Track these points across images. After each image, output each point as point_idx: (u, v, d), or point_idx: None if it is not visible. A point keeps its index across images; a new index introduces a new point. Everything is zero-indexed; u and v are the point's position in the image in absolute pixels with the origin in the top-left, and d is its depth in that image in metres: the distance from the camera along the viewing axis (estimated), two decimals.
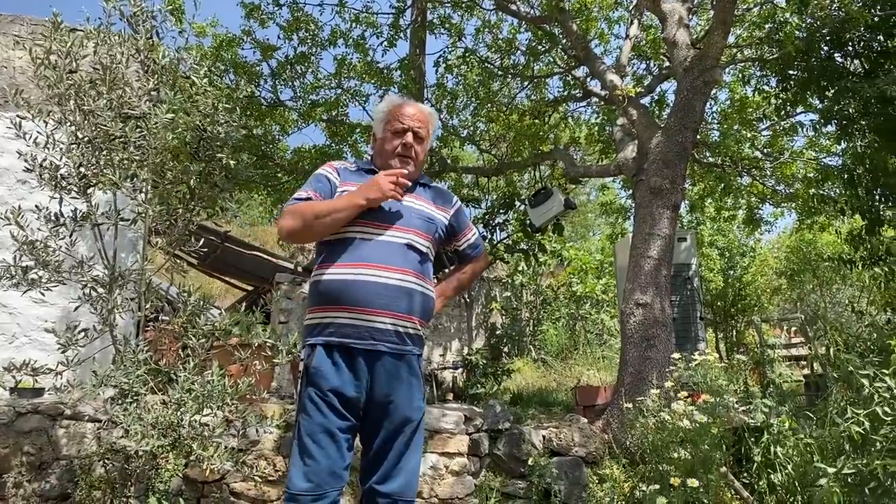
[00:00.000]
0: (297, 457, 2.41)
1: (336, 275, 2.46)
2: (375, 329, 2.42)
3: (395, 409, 2.47)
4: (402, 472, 2.49)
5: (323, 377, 2.42)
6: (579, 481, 5.11)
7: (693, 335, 8.22)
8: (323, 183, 2.63)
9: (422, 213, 2.65)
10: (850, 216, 7.30)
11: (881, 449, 3.83)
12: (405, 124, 2.68)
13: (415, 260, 2.55)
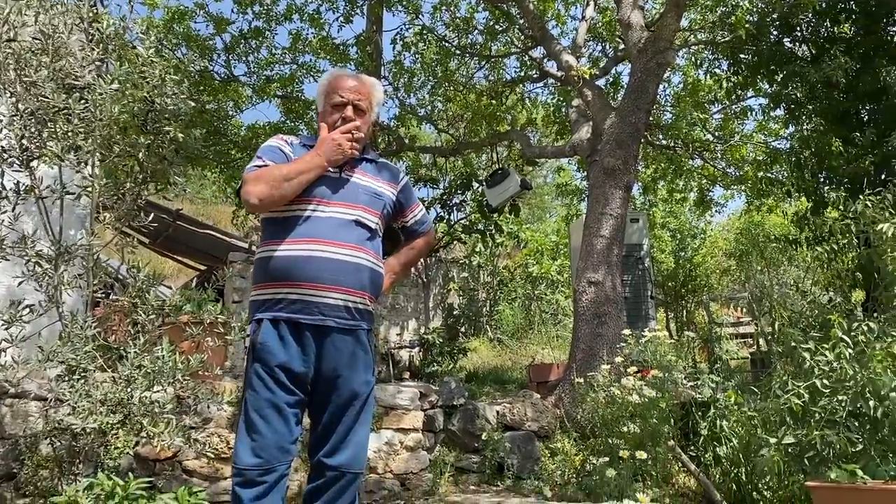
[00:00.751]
0: (243, 432, 2.39)
1: (284, 251, 2.43)
2: (325, 304, 2.41)
3: (343, 383, 2.47)
4: (351, 444, 2.49)
5: (269, 352, 2.40)
6: (532, 455, 5.21)
7: (644, 314, 8.39)
8: (277, 153, 2.58)
9: (368, 189, 2.61)
10: (797, 198, 7.51)
11: (820, 420, 3.97)
12: (344, 97, 2.62)
13: (363, 236, 2.53)
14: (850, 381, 3.88)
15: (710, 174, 10.18)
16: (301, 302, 2.40)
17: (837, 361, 4.01)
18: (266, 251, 2.48)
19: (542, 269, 14.09)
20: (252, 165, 2.54)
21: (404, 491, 4.86)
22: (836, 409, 3.93)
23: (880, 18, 6.51)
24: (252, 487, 2.33)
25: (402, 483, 4.90)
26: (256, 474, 2.33)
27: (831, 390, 3.97)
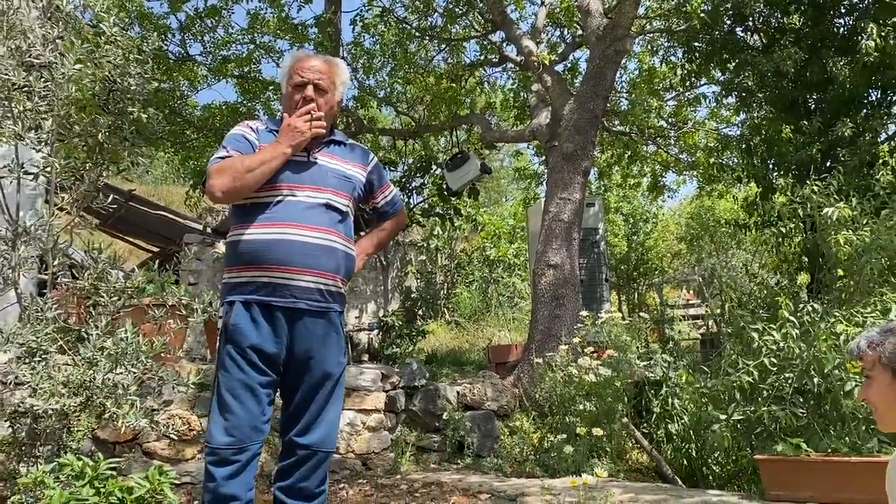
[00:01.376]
0: (216, 412, 2.42)
1: (256, 235, 2.45)
2: (296, 287, 2.44)
3: (315, 364, 2.51)
4: (322, 424, 2.54)
5: (242, 334, 2.42)
6: (491, 433, 5.33)
7: (598, 296, 8.59)
8: (242, 142, 2.58)
9: (336, 172, 2.62)
10: (746, 184, 7.76)
11: (767, 397, 4.17)
12: (304, 77, 2.60)
13: (334, 219, 2.55)
14: (796, 360, 4.09)
15: (663, 160, 10.41)
16: (273, 285, 2.43)
17: (784, 341, 4.21)
18: (237, 235, 2.50)
19: (500, 253, 14.24)
20: (216, 157, 2.55)
21: (366, 470, 4.92)
22: (783, 386, 4.14)
23: (827, 10, 6.74)
24: (226, 466, 2.37)
25: (363, 463, 4.97)
26: (230, 453, 2.37)
27: (778, 368, 4.17)
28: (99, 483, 2.46)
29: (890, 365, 1.54)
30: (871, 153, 5.46)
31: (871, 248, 4.13)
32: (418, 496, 4.15)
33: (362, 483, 4.56)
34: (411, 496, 4.16)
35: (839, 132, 5.69)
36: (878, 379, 1.57)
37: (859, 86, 6.07)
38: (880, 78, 6.12)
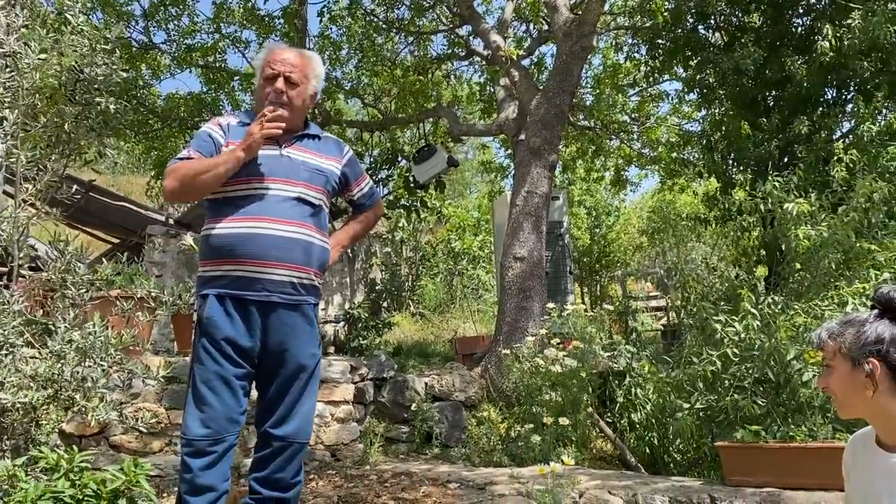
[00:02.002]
0: (192, 405, 2.44)
1: (229, 229, 2.47)
2: (269, 280, 2.46)
3: (289, 357, 2.53)
4: (297, 416, 2.57)
5: (216, 326, 2.45)
6: (459, 424, 5.40)
7: (563, 288, 8.70)
8: (206, 141, 2.60)
9: (309, 165, 2.64)
10: (707, 179, 7.94)
11: (729, 386, 4.31)
12: (275, 69, 2.62)
13: (307, 212, 2.57)
14: (757, 350, 4.23)
15: (626, 154, 10.57)
16: (245, 278, 2.45)
17: (746, 332, 4.35)
18: (210, 229, 2.52)
19: (464, 245, 14.32)
20: (176, 157, 2.59)
21: (335, 461, 4.96)
22: (745, 376, 4.28)
23: (786, 9, 6.92)
24: (202, 457, 2.39)
25: (333, 454, 5.00)
26: (206, 444, 2.39)
27: (740, 359, 4.31)
28: (74, 476, 2.45)
29: (849, 354, 1.61)
30: (826, 150, 5.65)
31: (829, 243, 4.29)
32: (388, 486, 4.20)
33: (332, 474, 4.59)
34: (382, 486, 4.21)
35: (796, 129, 5.86)
36: (838, 368, 1.64)
37: (816, 84, 6.26)
38: (836, 77, 6.32)
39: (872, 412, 1.62)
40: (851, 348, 1.61)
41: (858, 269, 4.21)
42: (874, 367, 1.57)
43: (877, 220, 4.37)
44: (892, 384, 1.58)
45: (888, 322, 1.61)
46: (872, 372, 1.57)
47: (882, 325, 1.60)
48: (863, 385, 1.59)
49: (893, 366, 1.57)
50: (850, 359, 1.61)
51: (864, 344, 1.59)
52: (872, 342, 1.59)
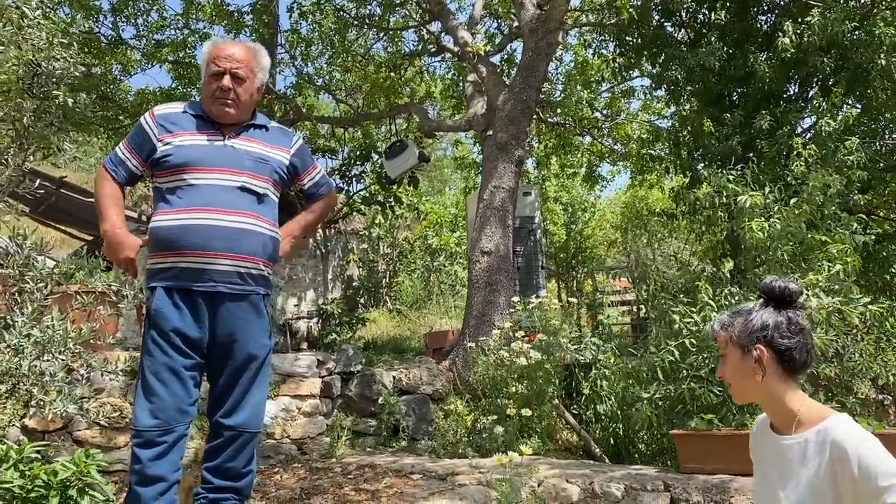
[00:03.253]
0: (141, 396, 2.47)
1: (173, 220, 2.49)
2: (215, 271, 2.49)
3: (238, 347, 2.56)
4: (248, 405, 2.59)
5: (164, 318, 2.47)
6: (426, 417, 5.44)
7: (535, 283, 8.77)
8: (140, 138, 2.63)
9: (252, 155, 2.66)
10: (676, 174, 8.03)
11: (687, 375, 4.39)
12: (221, 66, 2.62)
13: (251, 201, 2.59)
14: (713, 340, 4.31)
15: (597, 150, 10.66)
16: (192, 270, 2.48)
17: (704, 322, 4.43)
18: (157, 221, 2.55)
19: (441, 241, 14.36)
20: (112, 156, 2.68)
21: (302, 455, 4.98)
22: (702, 366, 4.36)
23: (751, 6, 7.01)
24: (151, 448, 2.41)
25: (299, 447, 5.02)
26: (155, 435, 2.42)
27: (698, 349, 4.39)
28: (24, 466, 2.46)
29: (739, 342, 1.72)
30: (788, 145, 5.74)
31: (782, 235, 4.37)
32: (352, 478, 4.24)
33: (297, 467, 4.62)
34: (345, 478, 4.24)
35: (758, 125, 5.95)
36: (731, 356, 1.75)
37: (778, 80, 6.35)
38: (797, 73, 6.42)
39: (763, 396, 1.72)
40: (740, 336, 1.72)
41: (812, 261, 4.29)
42: (761, 352, 1.68)
43: (829, 212, 4.46)
44: (779, 369, 1.69)
45: (772, 310, 1.71)
46: (760, 357, 1.68)
47: (766, 313, 1.71)
48: (752, 370, 1.69)
49: (779, 350, 1.68)
50: (739, 346, 1.72)
51: (752, 331, 1.70)
52: (758, 329, 1.69)
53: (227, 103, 2.63)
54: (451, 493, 3.67)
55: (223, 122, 2.66)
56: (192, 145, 2.58)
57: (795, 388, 1.70)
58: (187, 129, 2.61)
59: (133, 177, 2.69)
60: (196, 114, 2.67)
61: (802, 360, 1.69)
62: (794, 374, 1.70)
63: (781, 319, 1.70)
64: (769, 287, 1.73)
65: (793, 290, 1.71)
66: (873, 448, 1.52)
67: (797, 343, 1.68)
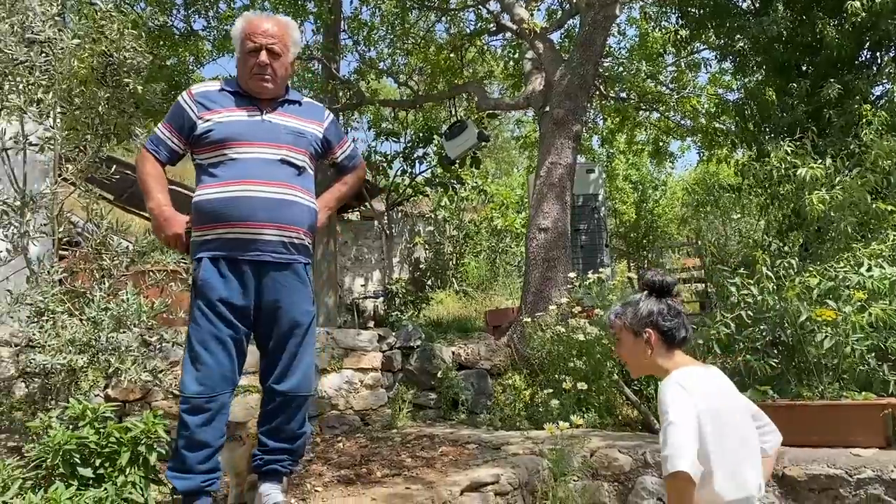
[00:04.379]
0: (188, 364, 2.58)
1: (217, 193, 2.57)
2: (261, 240, 2.57)
3: (283, 314, 2.65)
4: (297, 371, 2.69)
5: (211, 288, 2.55)
6: (485, 391, 5.54)
7: (599, 261, 8.74)
8: (179, 117, 2.71)
9: (290, 129, 2.73)
10: (742, 148, 7.83)
11: (743, 348, 4.34)
12: (257, 42, 2.65)
13: (292, 174, 2.68)
14: (770, 312, 4.24)
15: (664, 126, 10.45)
16: (238, 240, 2.56)
17: (761, 295, 4.36)
18: (201, 195, 2.63)
19: (506, 223, 14.38)
20: (153, 138, 2.76)
21: (364, 425, 5.16)
22: (758, 338, 4.30)
23: None
24: (199, 414, 2.53)
25: (362, 418, 5.20)
26: (202, 401, 2.53)
27: (754, 321, 4.33)
28: (98, 424, 2.68)
29: (631, 328, 2.08)
30: (857, 113, 5.53)
31: (845, 206, 4.25)
32: (409, 446, 4.37)
33: (359, 436, 4.80)
34: (403, 446, 4.38)
35: (826, 93, 5.75)
36: (625, 340, 2.11)
37: (848, 46, 6.10)
38: (868, 38, 6.16)
39: (653, 368, 2.07)
40: (632, 323, 2.08)
41: (876, 231, 4.16)
42: (649, 335, 2.04)
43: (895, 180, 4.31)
44: (663, 345, 2.04)
45: (654, 299, 2.08)
46: (648, 339, 2.04)
47: (651, 302, 2.07)
48: (643, 349, 2.05)
49: (663, 331, 2.04)
50: (632, 331, 2.08)
51: (640, 318, 2.06)
52: (645, 316, 2.06)
53: (265, 78, 2.68)
54: (503, 462, 3.76)
55: (261, 98, 2.73)
56: (232, 121, 2.65)
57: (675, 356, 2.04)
58: (226, 106, 2.68)
59: (175, 155, 2.76)
60: (233, 90, 2.74)
61: (682, 336, 2.05)
62: (676, 347, 2.05)
63: (663, 307, 2.05)
64: (651, 280, 2.10)
65: (669, 282, 2.09)
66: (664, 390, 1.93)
67: (677, 323, 2.04)
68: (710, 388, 1.95)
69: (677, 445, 1.78)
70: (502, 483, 3.40)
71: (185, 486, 2.56)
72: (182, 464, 2.55)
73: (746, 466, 1.90)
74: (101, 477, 2.57)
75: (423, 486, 3.26)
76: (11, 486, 2.51)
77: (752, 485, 1.90)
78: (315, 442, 4.64)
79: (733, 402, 1.99)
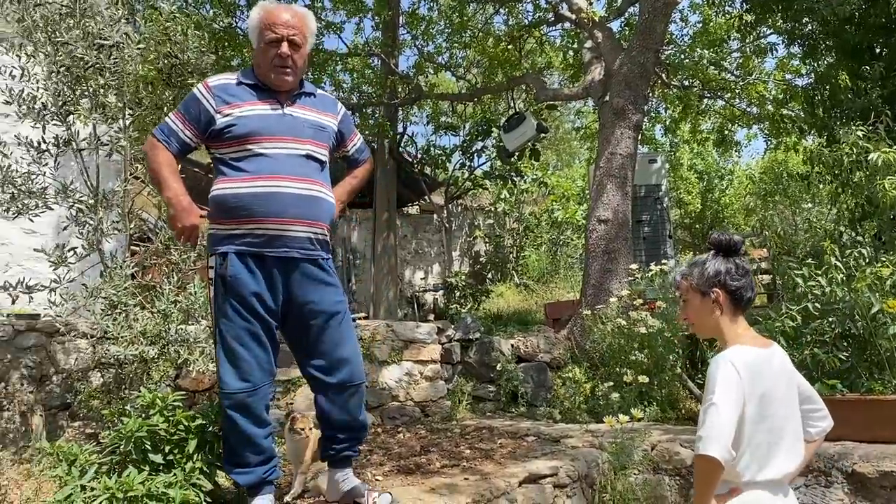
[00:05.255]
0: (225, 361, 2.58)
1: (242, 188, 2.55)
2: (289, 237, 2.57)
3: (315, 308, 2.65)
4: (344, 361, 2.70)
5: (242, 284, 2.55)
6: (544, 384, 5.51)
7: (662, 252, 8.58)
8: (195, 109, 2.63)
9: (312, 123, 2.72)
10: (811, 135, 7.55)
11: (811, 341, 4.19)
12: (279, 33, 2.60)
13: (316, 169, 2.68)
14: (839, 304, 4.09)
15: (729, 114, 10.17)
16: (266, 236, 2.54)
17: (829, 286, 4.21)
18: (226, 188, 2.58)
19: (567, 214, 14.25)
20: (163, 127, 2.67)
21: (424, 417, 5.21)
22: (826, 331, 4.15)
23: None
24: (243, 409, 2.57)
25: (422, 410, 5.25)
26: (244, 396, 2.56)
27: (822, 313, 4.18)
28: (168, 412, 2.78)
29: (698, 287, 2.03)
30: None
31: None
32: (468, 438, 4.40)
33: (419, 428, 4.85)
34: (462, 438, 4.41)
35: None
36: (692, 300, 2.06)
37: None
38: None
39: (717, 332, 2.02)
40: (699, 282, 2.03)
41: None
42: (717, 294, 1.99)
43: None
44: (730, 306, 2.00)
45: (722, 258, 2.03)
46: (716, 298, 1.99)
47: (718, 262, 2.03)
48: (710, 309, 2.01)
49: (730, 290, 1.99)
50: (699, 291, 2.04)
51: (708, 277, 2.02)
52: (713, 275, 2.01)
53: (286, 71, 2.64)
54: (562, 454, 3.74)
55: (279, 90, 2.69)
56: (255, 115, 2.60)
57: (739, 324, 2.00)
58: (246, 100, 2.63)
59: (186, 148, 2.68)
60: (251, 83, 2.68)
61: (748, 297, 2.02)
62: (742, 310, 2.01)
63: (730, 266, 2.01)
64: (717, 239, 2.05)
65: (736, 240, 2.04)
66: (715, 369, 1.86)
67: (745, 283, 2.01)
68: (763, 369, 1.91)
69: (715, 428, 1.76)
70: (561, 476, 3.39)
71: (247, 480, 2.62)
72: (238, 458, 2.61)
73: (779, 451, 1.87)
74: (171, 463, 2.67)
75: (481, 477, 3.28)
76: (89, 471, 2.64)
77: (779, 470, 1.86)
78: (376, 432, 4.72)
79: (784, 386, 1.94)
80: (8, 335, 4.30)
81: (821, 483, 3.33)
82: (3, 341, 4.27)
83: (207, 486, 2.65)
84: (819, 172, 6.95)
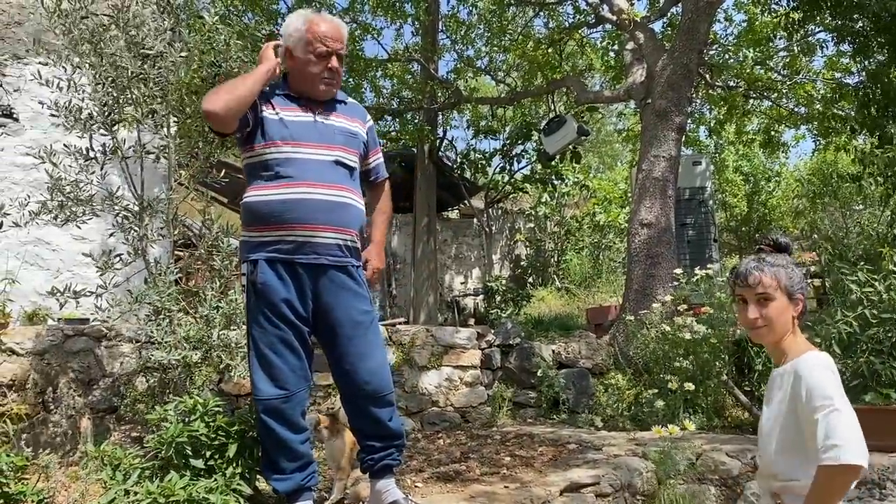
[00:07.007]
0: (258, 368, 2.59)
1: (273, 195, 2.56)
2: (318, 243, 2.57)
3: (342, 315, 2.63)
4: (371, 371, 2.67)
5: (273, 291, 2.56)
6: (586, 390, 5.44)
7: (707, 256, 8.40)
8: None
9: (343, 130, 2.73)
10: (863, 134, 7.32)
11: (867, 349, 4.05)
12: (330, 47, 2.63)
13: (345, 175, 2.68)
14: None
15: (775, 114, 9.92)
16: (296, 243, 2.55)
17: (887, 292, 4.06)
18: (257, 195, 2.60)
19: (609, 218, 14.07)
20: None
21: (465, 423, 5.18)
22: (884, 339, 4.00)
23: None
24: (278, 415, 2.58)
25: (462, 416, 5.22)
26: (279, 402, 2.56)
27: (879, 320, 4.03)
28: (209, 418, 2.81)
29: (788, 290, 1.90)
30: None
31: None
32: (509, 445, 4.36)
33: (459, 434, 4.82)
34: (502, 445, 4.37)
35: None
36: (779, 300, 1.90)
37: None
38: None
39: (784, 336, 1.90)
40: (789, 285, 1.91)
41: None
42: (801, 302, 1.91)
43: None
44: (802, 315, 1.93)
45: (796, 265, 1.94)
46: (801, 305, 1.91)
47: (799, 269, 1.94)
48: (790, 316, 1.91)
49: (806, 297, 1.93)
50: (787, 293, 1.90)
51: (797, 281, 1.92)
52: (799, 281, 1.92)
53: (333, 83, 2.69)
54: (604, 463, 3.67)
55: (320, 100, 2.71)
56: (287, 121, 2.63)
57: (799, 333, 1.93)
58: (280, 105, 2.66)
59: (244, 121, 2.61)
60: (283, 93, 2.71)
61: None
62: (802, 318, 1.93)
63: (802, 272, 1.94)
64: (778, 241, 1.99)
65: (787, 242, 2.01)
66: (821, 375, 1.74)
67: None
68: None
69: (852, 437, 1.64)
70: (602, 485, 3.33)
71: (285, 486, 2.63)
72: (275, 464, 2.62)
73: None
74: (212, 468, 2.69)
75: (521, 485, 3.23)
76: (132, 475, 2.68)
77: None
78: (416, 438, 4.70)
79: None
80: (58, 339, 4.41)
81: (875, 496, 3.22)
82: (54, 345, 4.38)
83: (248, 492, 2.67)
84: (871, 173, 6.75)
